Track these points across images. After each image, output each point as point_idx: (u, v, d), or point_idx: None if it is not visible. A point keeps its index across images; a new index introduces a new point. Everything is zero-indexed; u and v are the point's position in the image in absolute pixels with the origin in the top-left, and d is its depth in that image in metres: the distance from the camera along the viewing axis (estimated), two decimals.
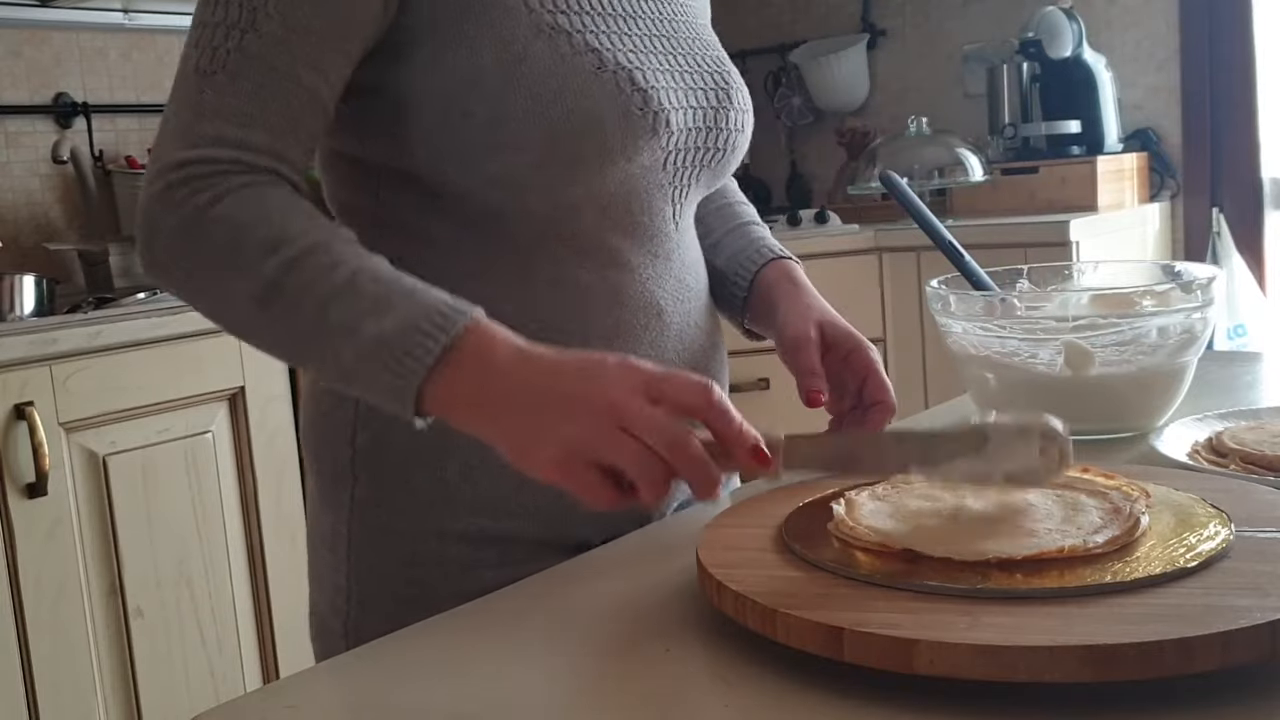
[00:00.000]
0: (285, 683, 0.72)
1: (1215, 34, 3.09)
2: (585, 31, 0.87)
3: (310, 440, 0.98)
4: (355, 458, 0.93)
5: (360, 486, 0.93)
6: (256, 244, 0.78)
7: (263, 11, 0.81)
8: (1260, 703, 0.58)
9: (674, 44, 0.95)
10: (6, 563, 1.81)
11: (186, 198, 0.80)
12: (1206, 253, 3.10)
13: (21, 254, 2.46)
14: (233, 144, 0.81)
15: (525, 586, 0.82)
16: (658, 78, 0.90)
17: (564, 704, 0.64)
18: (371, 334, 0.76)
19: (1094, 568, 0.65)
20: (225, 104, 0.81)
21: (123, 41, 2.66)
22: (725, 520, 0.79)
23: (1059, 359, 1.03)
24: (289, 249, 0.78)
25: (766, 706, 0.61)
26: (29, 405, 1.83)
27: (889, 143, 3.12)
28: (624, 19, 0.91)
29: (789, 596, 0.65)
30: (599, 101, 0.86)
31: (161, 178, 0.81)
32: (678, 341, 0.96)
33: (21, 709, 1.83)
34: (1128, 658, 0.56)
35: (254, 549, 2.14)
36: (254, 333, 0.82)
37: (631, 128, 0.87)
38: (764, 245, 1.07)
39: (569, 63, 0.85)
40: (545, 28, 0.86)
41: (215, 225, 0.79)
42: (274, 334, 0.80)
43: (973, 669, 0.57)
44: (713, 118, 0.95)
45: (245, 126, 0.81)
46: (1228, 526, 0.70)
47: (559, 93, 0.85)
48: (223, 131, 0.81)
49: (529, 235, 0.90)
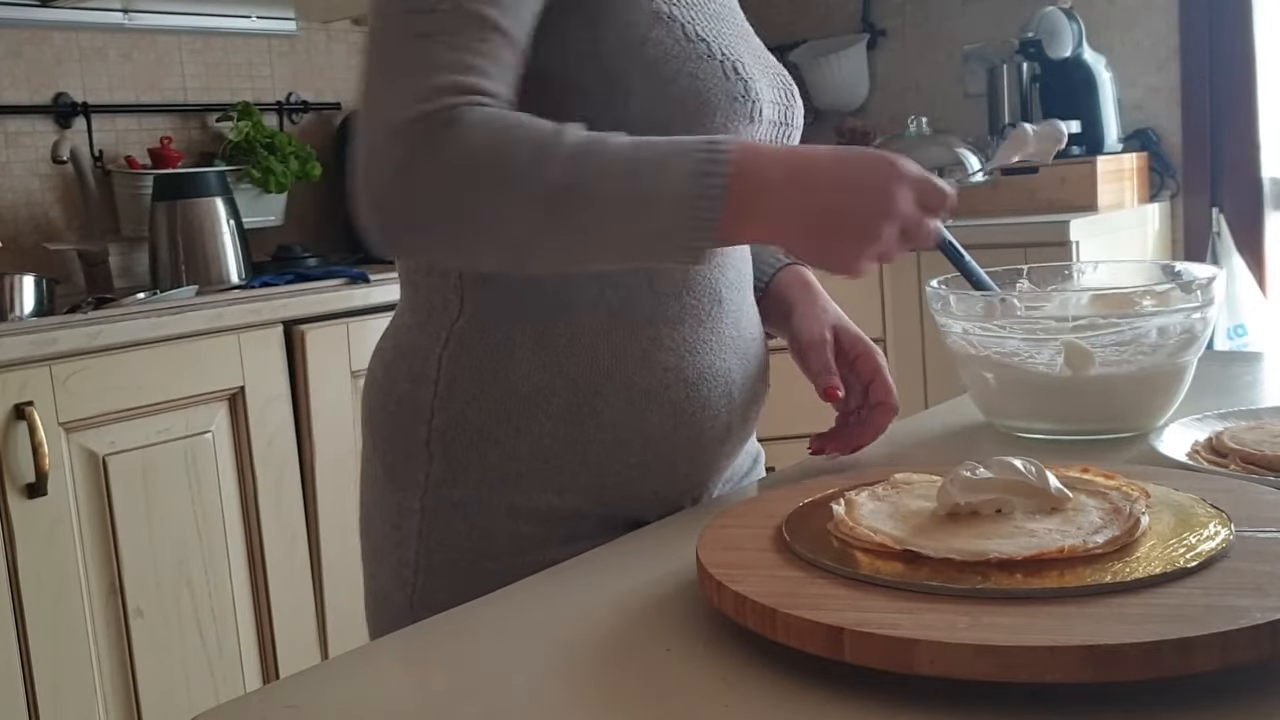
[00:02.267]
0: (285, 683, 0.72)
1: (1215, 34, 3.09)
2: (695, 21, 0.92)
3: (379, 425, 0.99)
4: (431, 437, 0.95)
5: (435, 464, 0.95)
6: (525, 157, 0.79)
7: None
8: (1260, 703, 0.58)
9: (752, 41, 1.00)
10: (6, 563, 1.81)
11: (445, 141, 0.79)
12: (1206, 253, 3.10)
13: (21, 254, 2.46)
14: (467, 90, 0.81)
15: (525, 586, 0.82)
16: (751, 69, 0.94)
17: (564, 704, 0.64)
18: (660, 178, 0.79)
19: (1094, 568, 0.65)
20: (452, 57, 0.81)
21: (122, 41, 2.66)
22: (725, 520, 0.79)
23: (1059, 359, 1.03)
24: (556, 148, 0.80)
25: (766, 706, 0.61)
26: (29, 405, 1.83)
27: (889, 143, 3.12)
28: (719, 13, 0.96)
29: (789, 596, 0.65)
30: (711, 85, 0.90)
31: (402, 134, 0.79)
32: (733, 328, 0.99)
33: (21, 709, 1.83)
34: (1128, 658, 0.56)
35: (254, 549, 2.13)
36: (546, 238, 0.82)
37: (735, 112, 0.91)
38: (775, 251, 1.10)
39: (683, 48, 0.90)
40: (663, 16, 0.90)
41: (484, 153, 0.79)
42: (565, 231, 0.81)
43: (973, 669, 0.57)
44: (785, 112, 1.00)
45: (471, 75, 0.81)
46: (1228, 526, 0.70)
47: (676, 74, 0.89)
48: (455, 80, 0.81)
49: None
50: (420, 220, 0.81)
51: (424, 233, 0.82)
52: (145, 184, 2.55)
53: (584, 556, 0.88)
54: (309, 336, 2.18)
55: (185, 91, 2.77)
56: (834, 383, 0.99)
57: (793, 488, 0.84)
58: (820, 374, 1.01)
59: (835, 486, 0.82)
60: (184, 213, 2.44)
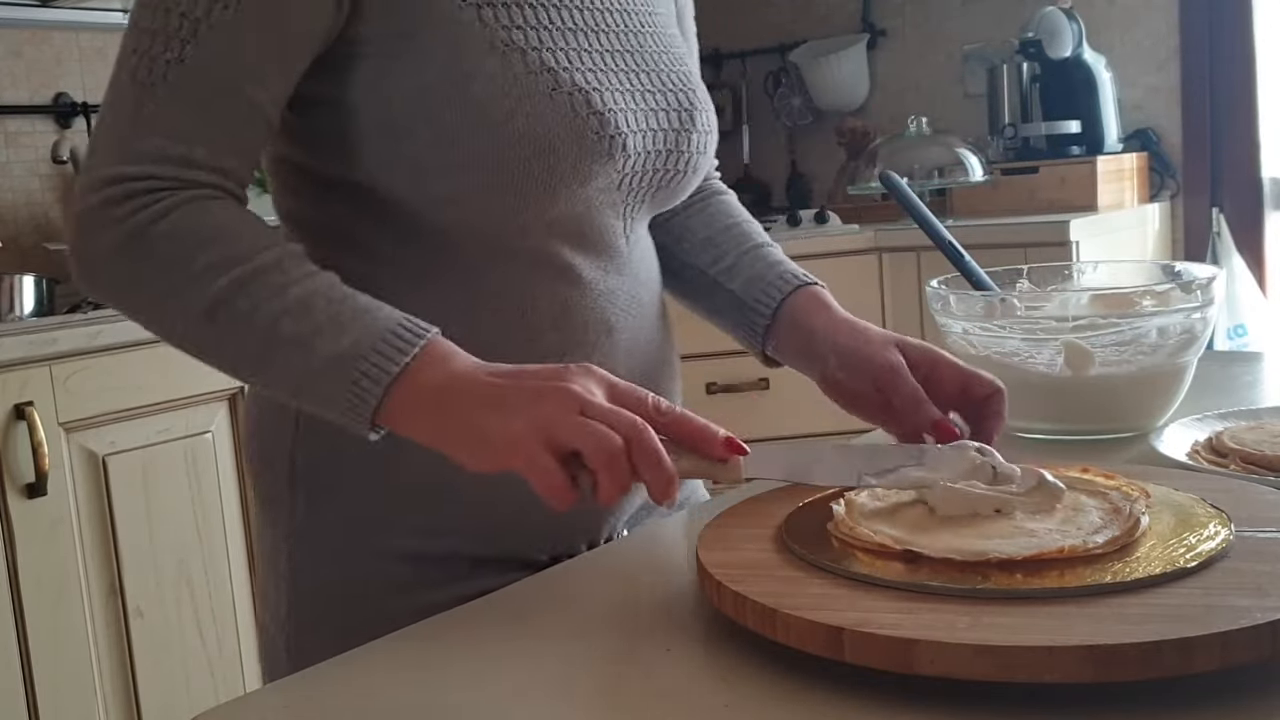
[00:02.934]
0: (285, 683, 0.72)
1: (1215, 34, 3.09)
2: (542, 49, 0.84)
3: (251, 454, 0.96)
4: (295, 473, 0.91)
5: (300, 503, 0.91)
6: (205, 262, 0.77)
7: (205, 23, 0.78)
8: (1260, 703, 0.58)
9: (639, 60, 0.91)
10: (6, 563, 1.81)
11: (127, 215, 0.78)
12: (1206, 253, 3.10)
13: (21, 254, 2.46)
14: (175, 160, 0.78)
15: (525, 587, 0.82)
16: (617, 99, 0.87)
17: (564, 704, 0.63)
18: (326, 352, 0.75)
19: (1094, 568, 0.65)
20: (165, 117, 0.78)
21: None
22: (725, 521, 0.79)
23: (1059, 359, 1.03)
24: (239, 267, 0.77)
25: (766, 706, 0.61)
26: (29, 405, 1.83)
27: (889, 143, 3.11)
28: (586, 34, 0.88)
29: (789, 597, 0.64)
30: (552, 125, 0.83)
31: (97, 191, 0.79)
32: (628, 357, 0.93)
33: (21, 709, 1.83)
34: (1128, 658, 0.56)
35: (253, 549, 2.13)
36: (200, 347, 0.80)
37: (586, 152, 0.85)
38: (785, 270, 1.02)
39: (522, 83, 0.82)
40: (499, 45, 0.82)
41: (160, 242, 0.78)
42: (221, 349, 0.79)
43: (973, 669, 0.57)
44: (674, 140, 0.92)
45: (187, 142, 0.79)
46: (1228, 526, 0.69)
47: (510, 114, 0.82)
48: (163, 147, 0.78)
49: (476, 251, 0.87)
50: (99, 280, 0.81)
51: (103, 292, 0.81)
52: None
53: (584, 557, 0.88)
54: None
55: None
56: (948, 423, 0.86)
57: (791, 488, 0.84)
58: (916, 408, 0.87)
59: (834, 488, 0.82)
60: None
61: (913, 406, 0.88)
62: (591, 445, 0.70)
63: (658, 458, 0.71)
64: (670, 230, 1.06)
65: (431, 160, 0.83)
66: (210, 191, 0.80)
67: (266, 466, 0.93)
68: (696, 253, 1.05)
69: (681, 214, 1.07)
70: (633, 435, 0.71)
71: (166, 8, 0.78)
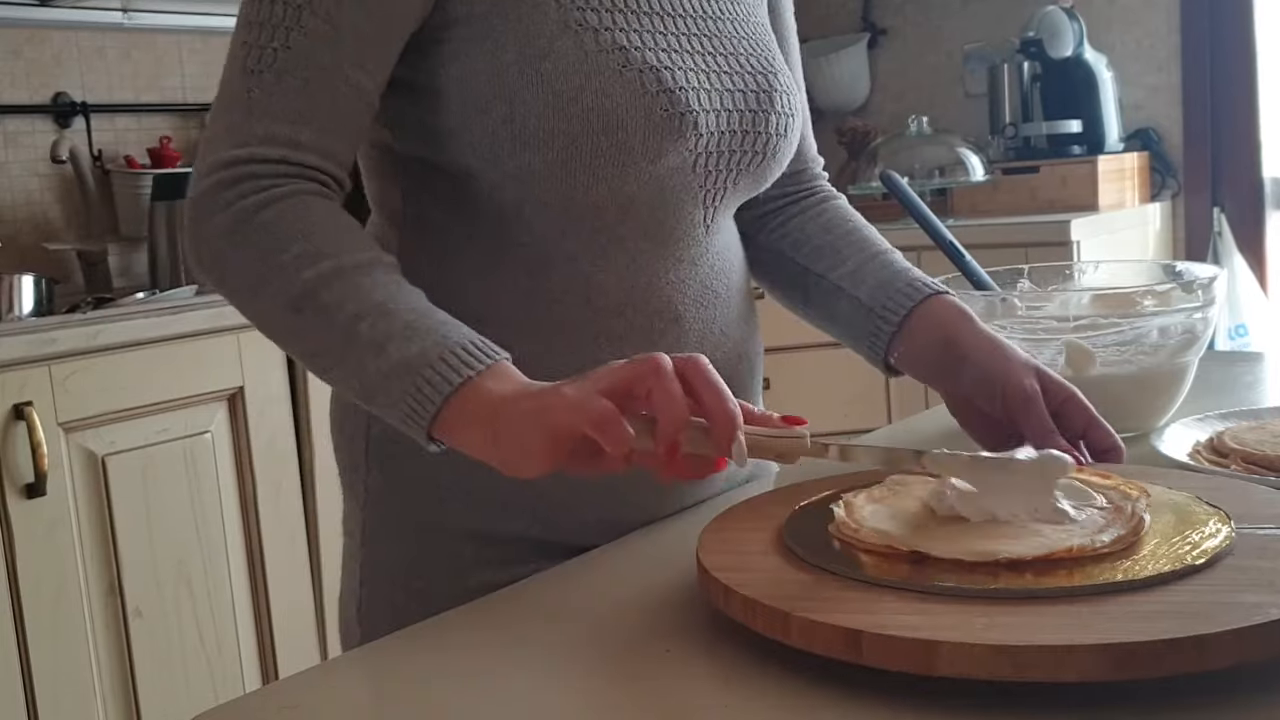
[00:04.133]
0: (285, 683, 0.72)
1: (1216, 34, 3.09)
2: (615, 29, 0.86)
3: (334, 430, 0.99)
4: (370, 448, 0.95)
5: (373, 476, 0.95)
6: (298, 253, 0.80)
7: (308, 9, 0.82)
8: (1267, 698, 0.58)
9: (716, 43, 0.92)
10: (6, 563, 1.81)
11: (235, 199, 0.81)
12: (1207, 252, 3.10)
13: (20, 254, 2.45)
14: (282, 142, 0.82)
15: (525, 587, 0.82)
16: (689, 78, 0.88)
17: (564, 704, 0.63)
18: (396, 357, 0.77)
19: (1103, 566, 0.65)
20: (273, 102, 0.82)
21: (122, 41, 2.65)
22: (724, 523, 0.79)
23: (1060, 359, 1.03)
24: (329, 262, 0.80)
25: (767, 706, 0.61)
26: (28, 405, 1.83)
27: (889, 142, 3.11)
28: (661, 17, 0.89)
29: (800, 600, 0.64)
30: (620, 101, 0.85)
31: (211, 175, 0.82)
32: (697, 349, 0.93)
33: (21, 709, 1.83)
34: (1145, 655, 0.56)
35: (253, 549, 2.13)
36: (284, 335, 0.83)
37: (655, 128, 0.86)
38: (914, 278, 0.99)
39: (592, 60, 0.85)
40: (572, 24, 0.85)
41: (261, 230, 0.81)
42: (303, 339, 0.82)
43: (993, 669, 0.57)
44: (750, 121, 0.93)
45: (294, 124, 0.82)
46: (1227, 524, 0.69)
47: (580, 90, 0.84)
48: (272, 130, 0.82)
49: (546, 231, 0.89)
50: (205, 260, 0.84)
51: (207, 272, 0.85)
52: (144, 184, 2.55)
53: (584, 557, 0.88)
54: None
55: (184, 91, 2.77)
56: (1078, 455, 0.85)
57: (787, 490, 0.84)
58: (1045, 438, 0.86)
59: (829, 489, 0.82)
60: (183, 213, 2.44)
61: (1041, 435, 0.87)
62: (639, 369, 0.71)
63: (718, 386, 0.71)
64: (787, 234, 1.07)
65: (506, 136, 0.85)
66: (315, 185, 0.83)
67: (346, 437, 0.97)
68: (815, 258, 1.04)
69: (798, 218, 1.07)
70: (689, 365, 0.72)
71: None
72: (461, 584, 0.90)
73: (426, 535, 0.93)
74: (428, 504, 0.93)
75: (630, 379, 0.72)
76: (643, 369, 0.71)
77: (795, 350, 2.68)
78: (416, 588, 0.93)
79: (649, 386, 0.71)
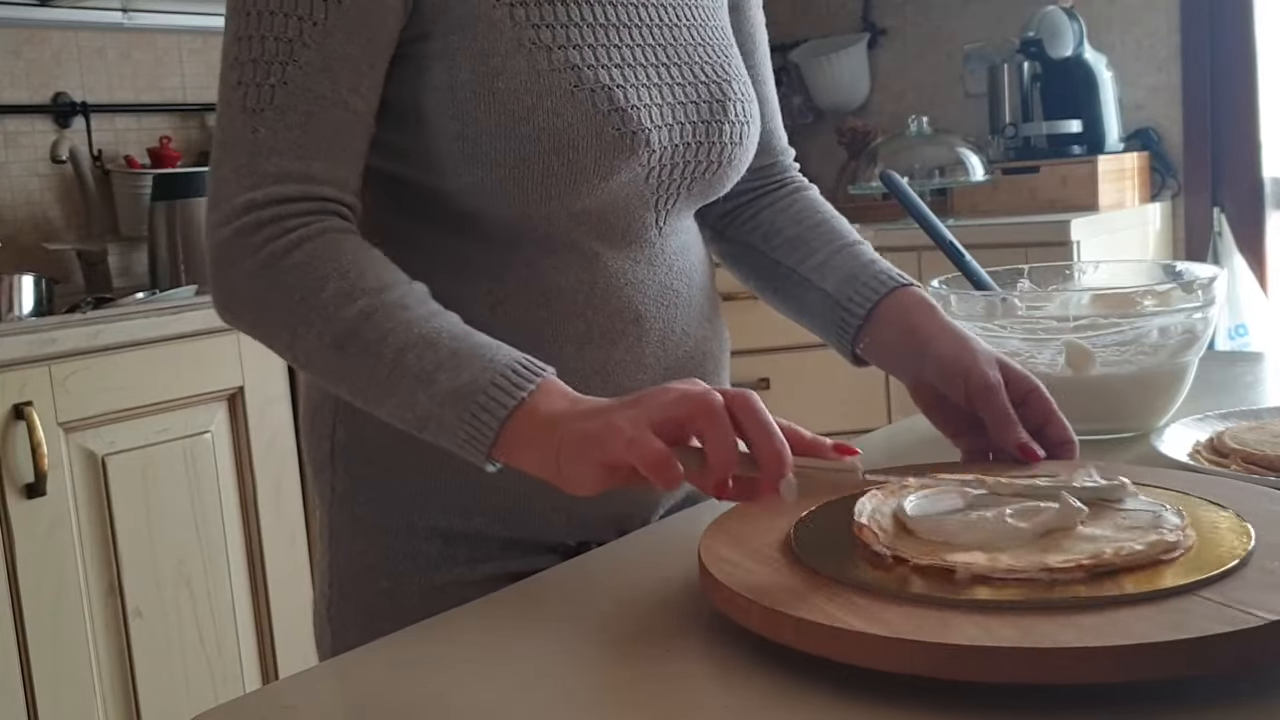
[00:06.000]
0: (285, 683, 0.72)
1: (1216, 33, 3.09)
2: (568, 47, 0.86)
3: (303, 433, 1.01)
4: (334, 450, 0.96)
5: (338, 479, 0.96)
6: (335, 291, 0.80)
7: (299, 43, 0.82)
8: (1267, 699, 0.58)
9: (670, 53, 0.92)
10: (6, 563, 1.81)
11: (262, 244, 0.81)
12: (1208, 252, 3.10)
13: (20, 254, 2.45)
14: (297, 178, 0.82)
15: (525, 586, 0.82)
16: (641, 95, 0.89)
17: (564, 703, 0.63)
18: (448, 386, 0.77)
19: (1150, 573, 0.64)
20: (280, 138, 0.82)
21: (122, 41, 2.65)
22: (725, 524, 0.79)
23: (1060, 359, 1.03)
24: (367, 299, 0.80)
25: (767, 707, 0.61)
26: (28, 405, 1.83)
27: (889, 142, 3.11)
28: (616, 29, 0.90)
29: (800, 601, 0.64)
30: (572, 121, 0.85)
31: (230, 222, 0.82)
32: (659, 348, 0.94)
33: (21, 709, 1.83)
34: (1171, 654, 0.56)
35: (253, 549, 2.13)
36: (329, 374, 0.83)
37: (607, 148, 0.86)
38: (880, 270, 1.00)
39: (545, 80, 0.85)
40: (526, 43, 0.85)
41: (294, 272, 0.81)
42: (349, 377, 0.82)
43: (1015, 673, 0.57)
44: (704, 131, 0.93)
45: (304, 158, 0.82)
46: (1244, 524, 0.69)
47: (531, 111, 0.84)
48: (284, 166, 0.82)
49: (502, 237, 0.90)
50: (235, 307, 0.84)
51: (239, 319, 0.85)
52: (144, 184, 2.55)
53: (584, 557, 0.88)
54: None
55: (184, 91, 2.77)
56: (1034, 448, 0.86)
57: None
58: (1006, 428, 0.87)
59: (831, 491, 0.81)
60: (183, 212, 2.44)
61: (1003, 425, 0.88)
62: (692, 408, 0.72)
63: (767, 425, 0.72)
64: (757, 227, 1.07)
65: (458, 154, 0.86)
66: (337, 220, 0.84)
67: (313, 440, 0.98)
68: (785, 250, 1.05)
69: (768, 210, 1.08)
70: (738, 401, 0.72)
71: (261, 36, 0.82)
72: (429, 583, 0.92)
73: (392, 535, 0.94)
74: (392, 504, 0.94)
75: (683, 419, 0.72)
76: (694, 409, 0.72)
77: (795, 350, 2.68)
78: (384, 587, 0.94)
79: (700, 427, 0.72)
